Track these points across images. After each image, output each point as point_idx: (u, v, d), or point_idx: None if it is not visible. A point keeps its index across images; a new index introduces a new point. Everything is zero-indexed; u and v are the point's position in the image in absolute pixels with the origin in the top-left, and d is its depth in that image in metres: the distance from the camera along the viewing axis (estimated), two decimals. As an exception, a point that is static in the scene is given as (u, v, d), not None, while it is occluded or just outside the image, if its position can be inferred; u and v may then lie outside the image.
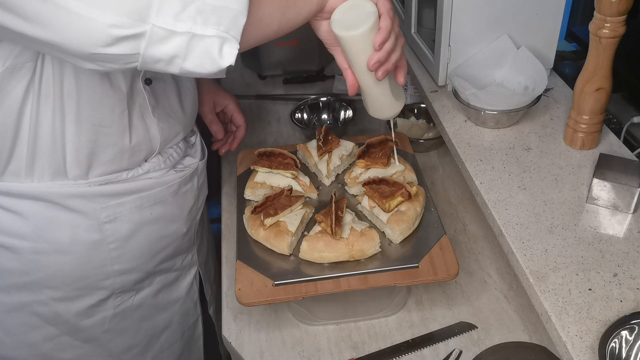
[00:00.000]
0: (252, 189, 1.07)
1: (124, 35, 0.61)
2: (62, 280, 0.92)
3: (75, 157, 0.84)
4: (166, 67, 0.66)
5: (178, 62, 0.66)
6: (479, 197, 0.93)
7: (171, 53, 0.64)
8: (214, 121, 1.21)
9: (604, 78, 0.90)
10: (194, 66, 0.66)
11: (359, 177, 1.06)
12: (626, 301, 0.73)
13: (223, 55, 0.66)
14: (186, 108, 1.00)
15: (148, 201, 0.95)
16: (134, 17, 0.61)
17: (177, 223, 1.02)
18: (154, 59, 0.65)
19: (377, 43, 0.77)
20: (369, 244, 0.92)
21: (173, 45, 0.64)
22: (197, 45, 0.64)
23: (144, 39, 0.62)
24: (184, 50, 0.64)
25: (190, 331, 1.19)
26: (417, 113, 1.45)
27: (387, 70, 0.81)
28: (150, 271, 1.01)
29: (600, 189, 0.86)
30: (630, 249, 0.80)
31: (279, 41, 1.53)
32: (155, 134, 0.92)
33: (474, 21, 1.07)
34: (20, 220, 0.86)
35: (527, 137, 1.03)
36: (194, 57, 0.65)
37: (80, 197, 0.88)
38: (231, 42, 0.66)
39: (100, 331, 1.01)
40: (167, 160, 0.97)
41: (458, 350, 0.94)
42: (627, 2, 0.82)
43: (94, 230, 0.91)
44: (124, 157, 0.89)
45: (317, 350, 0.96)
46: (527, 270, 0.79)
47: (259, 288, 0.89)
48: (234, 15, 0.65)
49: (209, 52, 0.65)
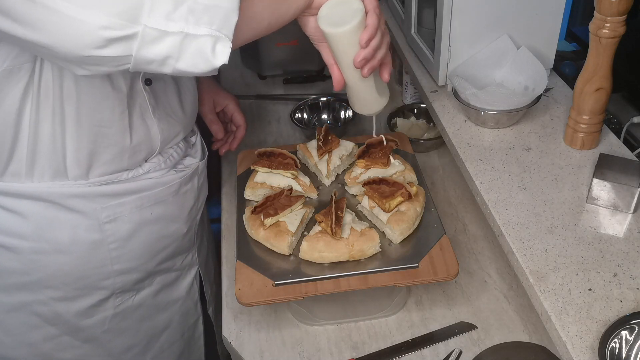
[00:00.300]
0: (252, 189, 1.07)
1: (116, 36, 0.61)
2: (62, 280, 0.92)
3: (75, 158, 0.84)
4: (159, 68, 0.66)
5: (171, 63, 0.65)
6: (479, 197, 0.93)
7: (164, 54, 0.64)
8: (214, 121, 1.21)
9: (604, 78, 0.90)
10: (187, 66, 0.66)
11: (359, 177, 1.06)
12: (626, 301, 0.73)
13: (216, 54, 0.66)
14: (186, 108, 1.00)
15: (148, 201, 0.95)
16: (125, 18, 0.60)
17: (178, 223, 1.02)
18: (146, 60, 0.64)
19: (364, 40, 0.77)
20: (369, 244, 0.92)
21: (166, 45, 0.63)
22: (190, 45, 0.64)
23: (136, 40, 0.62)
24: (176, 51, 0.64)
25: (190, 331, 1.19)
26: (417, 113, 1.45)
27: (373, 67, 0.82)
28: (150, 271, 1.01)
29: (600, 189, 0.86)
30: (630, 249, 0.80)
31: (279, 41, 1.53)
32: (156, 134, 0.92)
33: (474, 21, 1.07)
34: (21, 220, 0.86)
35: (527, 137, 1.03)
36: (187, 57, 0.65)
37: (81, 197, 0.88)
38: (224, 40, 0.66)
39: (100, 331, 1.01)
40: (168, 160, 0.97)
41: (458, 350, 0.94)
42: (627, 2, 0.82)
43: (94, 230, 0.90)
44: (124, 157, 0.89)
45: (317, 350, 0.96)
46: (527, 270, 0.79)
47: (259, 288, 0.89)
48: (225, 14, 0.65)
49: (202, 52, 0.65)
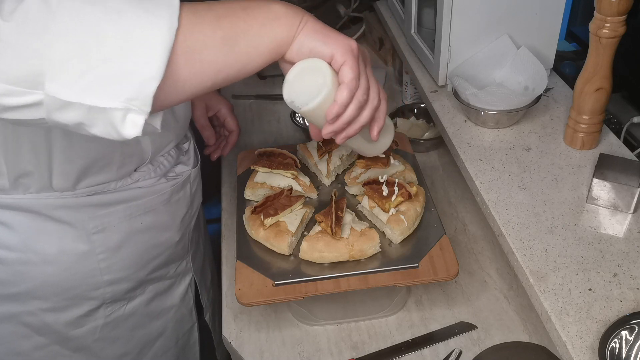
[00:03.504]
0: (252, 189, 1.07)
1: (18, 104, 0.54)
2: (50, 291, 0.91)
3: (62, 171, 0.82)
4: (78, 131, 0.59)
5: (85, 129, 0.58)
6: (479, 197, 0.93)
7: (75, 121, 0.57)
8: (205, 126, 1.17)
9: (604, 78, 0.90)
10: (103, 133, 0.58)
11: (359, 177, 1.06)
12: (626, 301, 0.73)
13: (126, 126, 0.57)
14: (178, 116, 0.96)
15: (138, 210, 0.93)
16: (25, 85, 0.53)
17: (170, 231, 1.00)
18: (59, 124, 0.58)
19: (329, 117, 0.68)
20: (369, 244, 0.92)
21: (74, 114, 0.56)
22: (97, 116, 0.56)
23: (42, 107, 0.55)
24: (86, 119, 0.56)
25: (185, 338, 1.17)
26: (417, 113, 1.44)
27: (348, 136, 0.72)
28: (142, 280, 0.99)
29: (600, 189, 0.86)
30: (630, 249, 0.80)
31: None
32: (147, 146, 0.90)
33: (474, 21, 1.07)
34: (7, 231, 0.85)
35: (527, 137, 1.03)
36: (99, 125, 0.57)
37: (67, 208, 0.86)
38: (137, 112, 0.56)
39: (91, 340, 0.99)
40: (158, 169, 0.95)
41: (458, 350, 0.94)
42: (627, 2, 0.82)
43: (82, 240, 0.89)
44: (113, 169, 0.87)
45: (317, 350, 0.96)
46: (527, 270, 0.79)
47: (259, 288, 0.89)
48: (141, 82, 0.55)
49: (111, 123, 0.57)
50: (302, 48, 0.66)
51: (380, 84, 1.59)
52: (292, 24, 0.65)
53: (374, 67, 1.68)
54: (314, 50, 0.66)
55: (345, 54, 0.66)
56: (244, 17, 0.62)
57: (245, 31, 0.61)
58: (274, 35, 0.64)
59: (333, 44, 0.66)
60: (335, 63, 0.67)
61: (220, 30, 0.60)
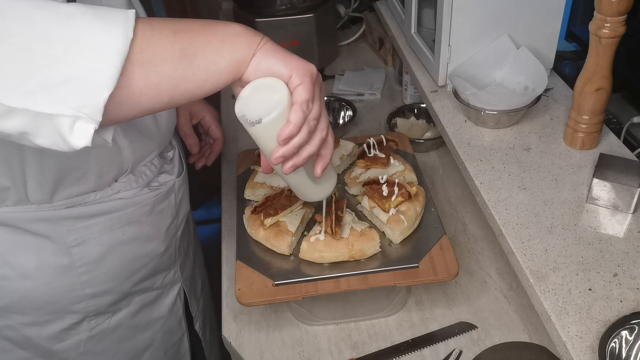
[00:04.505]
0: (252, 189, 1.07)
1: None
2: (30, 306, 0.89)
3: (37, 183, 0.80)
4: (20, 142, 0.56)
5: (29, 139, 0.54)
6: (479, 197, 0.93)
7: (18, 129, 0.53)
8: (189, 134, 1.14)
9: (604, 78, 0.90)
10: (49, 144, 0.55)
11: (359, 177, 1.06)
12: (626, 301, 0.73)
13: (74, 135, 0.53)
14: (161, 124, 0.93)
15: (119, 222, 0.90)
16: None
17: (154, 242, 0.97)
18: (1, 134, 0.54)
19: (281, 138, 0.64)
20: (369, 244, 0.92)
21: (16, 122, 0.52)
22: (43, 124, 0.52)
23: None
24: (31, 128, 0.53)
25: (174, 349, 1.14)
26: (417, 113, 1.45)
27: (296, 165, 0.68)
28: (126, 292, 0.97)
29: (600, 189, 0.86)
30: (630, 249, 0.80)
31: (279, 41, 1.52)
32: (127, 155, 0.87)
33: (474, 21, 1.07)
34: None
35: (527, 137, 1.03)
36: (44, 134, 0.54)
37: (45, 221, 0.84)
38: (86, 120, 0.53)
39: (75, 354, 0.97)
40: (140, 179, 0.92)
41: (458, 350, 0.94)
42: (627, 2, 0.82)
43: (61, 254, 0.87)
44: (90, 180, 0.84)
45: (317, 350, 0.96)
46: (527, 270, 0.79)
47: (259, 288, 0.89)
48: (91, 89, 0.52)
49: (58, 131, 0.53)
50: (260, 65, 0.63)
51: (381, 84, 1.59)
52: (251, 42, 0.63)
53: (374, 67, 1.68)
54: (272, 69, 0.64)
55: (304, 75, 0.64)
56: (203, 32, 0.60)
57: (204, 46, 0.59)
58: (233, 52, 0.61)
59: (293, 64, 0.64)
60: (291, 83, 0.64)
61: (178, 44, 0.58)
